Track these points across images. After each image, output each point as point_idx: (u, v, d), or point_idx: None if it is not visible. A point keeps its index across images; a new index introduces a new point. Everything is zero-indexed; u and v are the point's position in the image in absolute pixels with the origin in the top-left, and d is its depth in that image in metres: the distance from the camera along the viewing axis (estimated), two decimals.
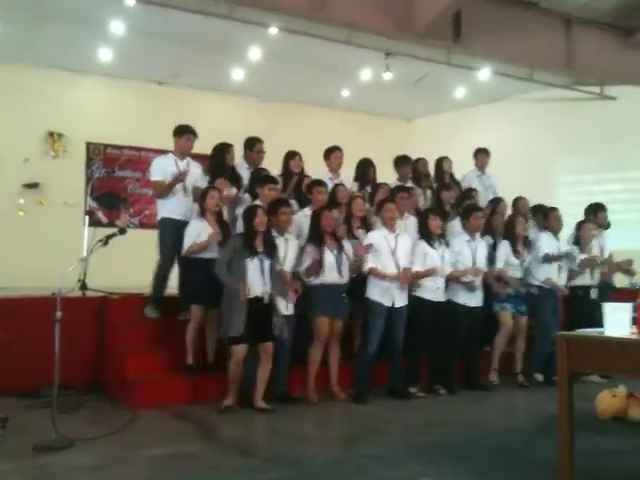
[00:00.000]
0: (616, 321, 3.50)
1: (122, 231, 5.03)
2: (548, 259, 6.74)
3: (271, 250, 5.53)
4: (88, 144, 10.22)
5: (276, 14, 8.35)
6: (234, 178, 6.50)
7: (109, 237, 4.92)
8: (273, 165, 6.90)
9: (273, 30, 8.61)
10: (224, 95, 11.11)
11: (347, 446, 4.70)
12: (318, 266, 5.73)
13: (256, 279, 5.39)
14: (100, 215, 10.03)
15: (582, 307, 6.76)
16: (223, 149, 6.47)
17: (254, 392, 5.47)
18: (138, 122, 10.10)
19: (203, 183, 6.29)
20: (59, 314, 4.47)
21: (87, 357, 6.05)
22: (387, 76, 9.90)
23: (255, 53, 9.34)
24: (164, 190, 6.16)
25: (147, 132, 9.84)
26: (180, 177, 6.08)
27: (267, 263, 5.45)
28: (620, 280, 7.98)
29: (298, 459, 4.16)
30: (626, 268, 7.49)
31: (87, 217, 8.14)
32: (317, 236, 5.86)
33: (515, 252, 6.74)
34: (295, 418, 5.32)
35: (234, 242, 5.54)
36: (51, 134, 9.88)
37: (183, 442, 4.57)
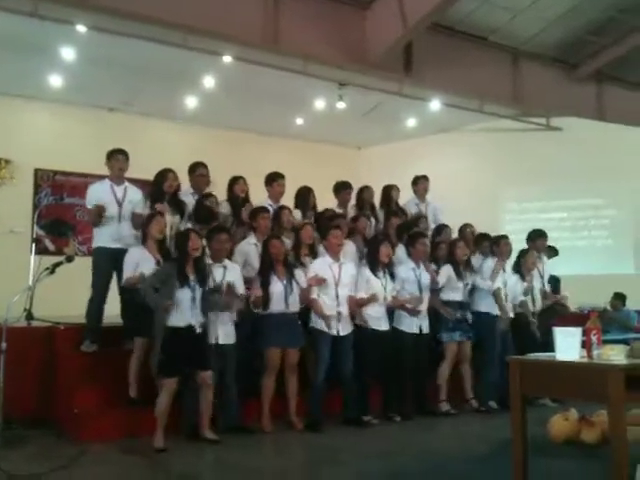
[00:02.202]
0: (567, 345, 3.55)
1: (70, 259, 4.93)
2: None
3: (203, 278, 5.33)
4: (36, 170, 10.02)
5: (230, 43, 8.39)
6: (177, 205, 6.30)
7: (56, 265, 4.81)
8: (222, 193, 6.83)
9: (227, 59, 8.65)
10: (176, 123, 11.06)
11: (300, 478, 4.61)
12: (261, 300, 5.70)
13: (187, 308, 5.17)
14: (47, 243, 9.78)
15: (527, 333, 6.87)
16: (161, 175, 6.29)
17: (200, 423, 5.32)
18: (88, 149, 9.91)
19: (144, 210, 6.09)
20: (4, 345, 4.33)
21: (33, 389, 5.83)
22: (340, 106, 10.03)
23: (209, 82, 9.35)
24: (95, 217, 5.95)
25: (97, 159, 9.51)
26: (98, 211, 5.89)
27: (199, 291, 5.24)
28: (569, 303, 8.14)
29: None
30: (561, 303, 7.70)
31: (34, 245, 7.92)
32: (266, 265, 5.83)
33: (457, 275, 6.77)
34: (248, 449, 5.21)
35: (164, 269, 5.32)
36: None
37: (133, 477, 4.43)
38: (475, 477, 4.39)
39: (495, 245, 7.10)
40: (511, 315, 6.95)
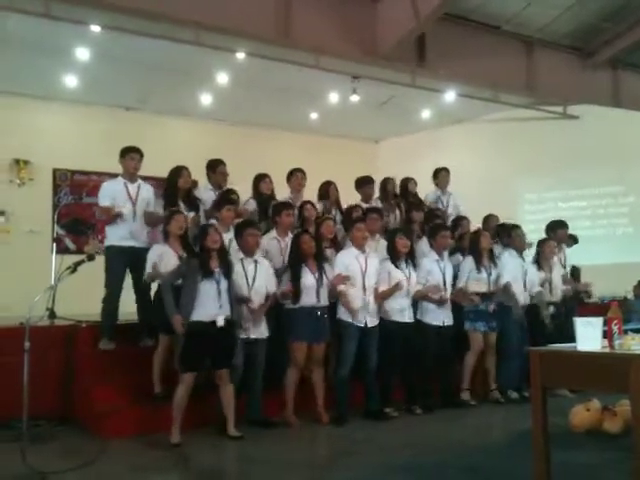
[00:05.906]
0: (588, 336, 3.54)
1: (91, 257, 4.95)
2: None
3: (228, 270, 5.33)
4: (55, 170, 10.11)
5: (242, 39, 8.41)
6: (191, 201, 6.35)
7: (77, 264, 4.83)
8: (241, 189, 6.84)
9: (240, 55, 8.67)
10: (192, 120, 11.11)
11: (322, 470, 4.63)
12: (292, 296, 5.70)
13: (211, 302, 5.19)
14: (68, 242, 9.90)
15: (538, 324, 6.85)
16: (176, 172, 6.31)
17: (224, 421, 5.32)
18: (106, 148, 9.88)
19: (156, 207, 6.16)
20: (27, 344, 4.38)
21: (57, 387, 5.91)
22: (354, 99, 10.02)
23: (222, 78, 9.38)
24: (109, 218, 6.00)
25: (114, 158, 9.72)
26: (118, 216, 5.92)
27: (224, 284, 5.26)
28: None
29: None
30: (583, 290, 7.65)
31: (54, 244, 8.01)
32: (297, 260, 5.83)
33: (480, 266, 6.74)
34: (271, 443, 5.24)
35: (185, 264, 5.35)
36: (17, 161, 9.77)
37: (157, 472, 4.48)
38: (496, 469, 4.39)
39: (508, 237, 7.06)
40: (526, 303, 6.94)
